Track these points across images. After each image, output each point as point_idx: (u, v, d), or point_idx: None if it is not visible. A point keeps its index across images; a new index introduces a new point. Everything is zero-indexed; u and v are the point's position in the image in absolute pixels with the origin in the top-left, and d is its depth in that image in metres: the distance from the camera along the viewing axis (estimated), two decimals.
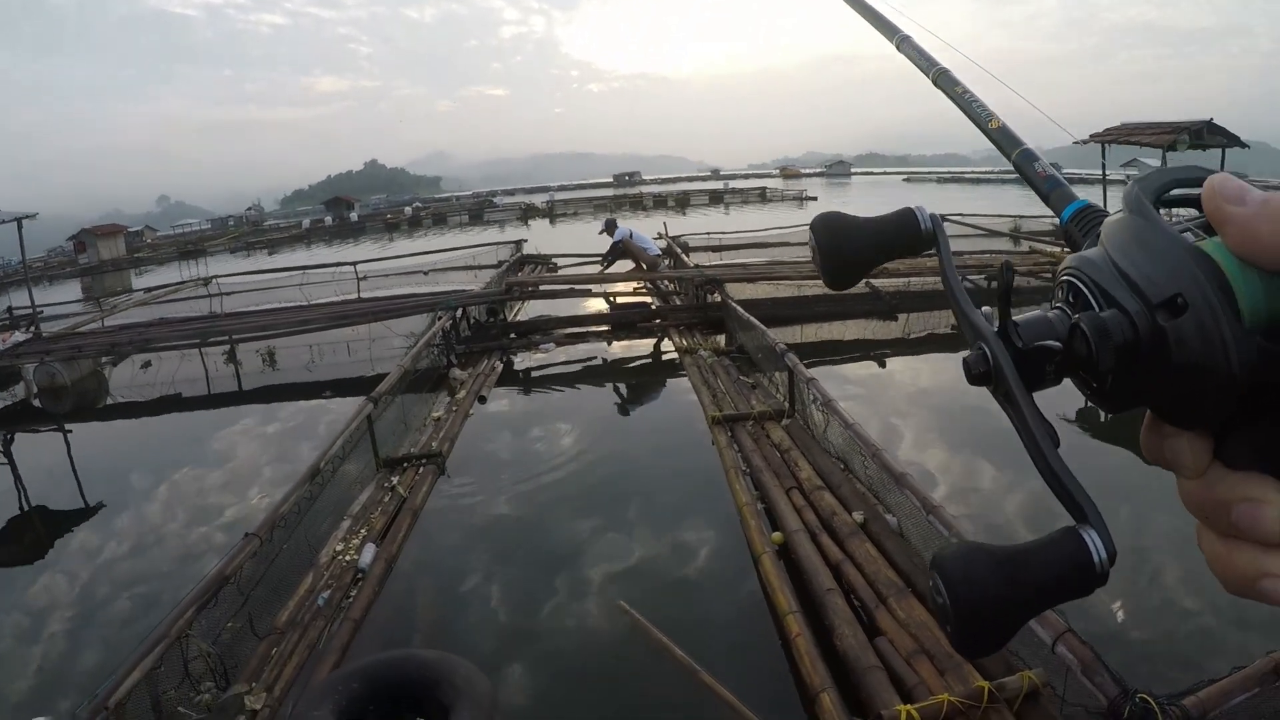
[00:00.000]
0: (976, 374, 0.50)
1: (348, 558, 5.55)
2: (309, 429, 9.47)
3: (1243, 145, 15.82)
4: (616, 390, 10.29)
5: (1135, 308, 0.44)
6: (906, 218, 0.60)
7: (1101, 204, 0.60)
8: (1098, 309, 0.46)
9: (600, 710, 4.20)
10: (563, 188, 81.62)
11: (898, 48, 1.01)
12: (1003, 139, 0.78)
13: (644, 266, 14.64)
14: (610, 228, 15.07)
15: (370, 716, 3.89)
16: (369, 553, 5.53)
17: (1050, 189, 0.68)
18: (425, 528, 6.22)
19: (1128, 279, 0.45)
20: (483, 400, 9.59)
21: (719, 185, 63.68)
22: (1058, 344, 0.48)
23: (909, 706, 3.42)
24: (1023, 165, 0.73)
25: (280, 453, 8.79)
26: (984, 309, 0.52)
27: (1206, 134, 13.95)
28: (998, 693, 3.44)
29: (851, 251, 0.61)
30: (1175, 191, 0.50)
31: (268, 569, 5.15)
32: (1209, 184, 0.44)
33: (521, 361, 11.70)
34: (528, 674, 4.41)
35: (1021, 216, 22.60)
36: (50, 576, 6.46)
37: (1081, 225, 0.61)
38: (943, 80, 0.97)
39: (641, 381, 10.93)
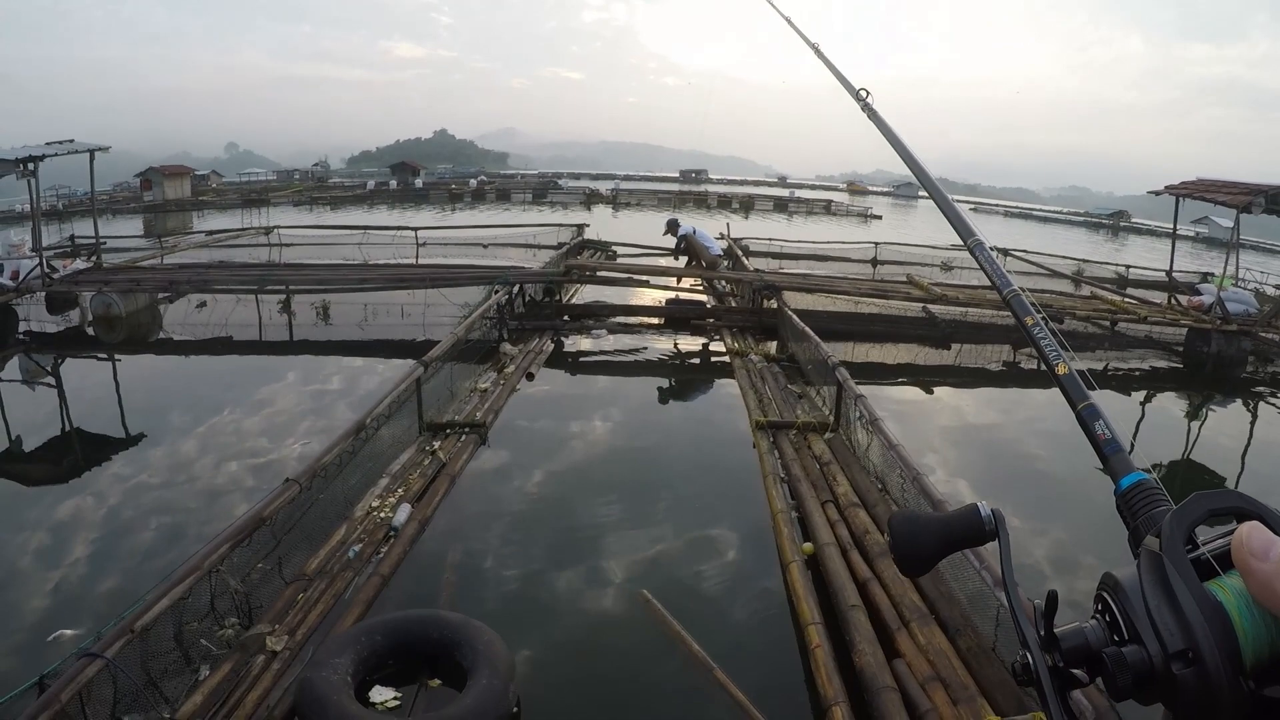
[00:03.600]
0: (1022, 679, 0.64)
1: (382, 514, 5.65)
2: (352, 386, 9.64)
3: None
4: (664, 383, 10.30)
5: (1155, 650, 0.55)
6: (971, 514, 0.75)
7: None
8: (1125, 634, 0.58)
9: (613, 691, 4.24)
10: (629, 177, 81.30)
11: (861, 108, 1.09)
12: (1070, 386, 0.87)
13: (704, 264, 14.61)
14: (673, 228, 15.10)
15: (389, 670, 3.97)
16: (404, 512, 5.62)
17: (1110, 453, 0.78)
18: (461, 494, 6.32)
19: (1153, 622, 0.56)
20: (531, 377, 9.67)
21: (785, 193, 63.21)
22: (1086, 679, 0.62)
23: None
24: (1086, 419, 0.83)
25: (321, 405, 8.93)
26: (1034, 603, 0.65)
27: None
28: None
29: (921, 545, 0.76)
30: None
31: (302, 516, 5.26)
32: (1238, 534, 0.55)
33: (572, 344, 11.80)
34: (546, 648, 4.46)
35: (1086, 260, 22.21)
36: (81, 500, 6.57)
37: (1133, 505, 0.71)
38: (977, 249, 1.15)
39: (689, 377, 10.97)
